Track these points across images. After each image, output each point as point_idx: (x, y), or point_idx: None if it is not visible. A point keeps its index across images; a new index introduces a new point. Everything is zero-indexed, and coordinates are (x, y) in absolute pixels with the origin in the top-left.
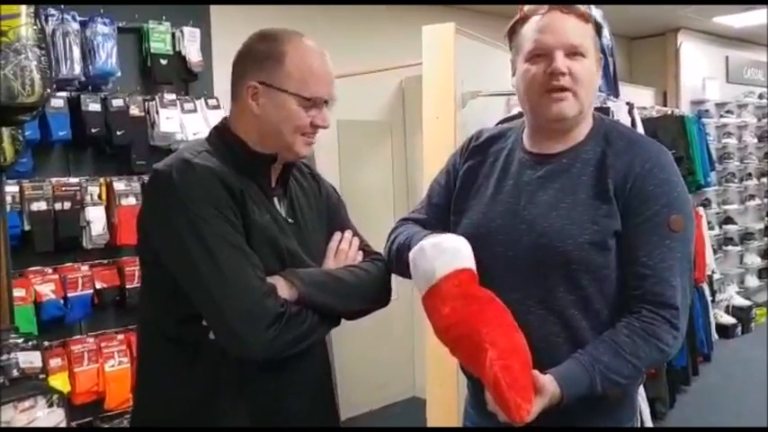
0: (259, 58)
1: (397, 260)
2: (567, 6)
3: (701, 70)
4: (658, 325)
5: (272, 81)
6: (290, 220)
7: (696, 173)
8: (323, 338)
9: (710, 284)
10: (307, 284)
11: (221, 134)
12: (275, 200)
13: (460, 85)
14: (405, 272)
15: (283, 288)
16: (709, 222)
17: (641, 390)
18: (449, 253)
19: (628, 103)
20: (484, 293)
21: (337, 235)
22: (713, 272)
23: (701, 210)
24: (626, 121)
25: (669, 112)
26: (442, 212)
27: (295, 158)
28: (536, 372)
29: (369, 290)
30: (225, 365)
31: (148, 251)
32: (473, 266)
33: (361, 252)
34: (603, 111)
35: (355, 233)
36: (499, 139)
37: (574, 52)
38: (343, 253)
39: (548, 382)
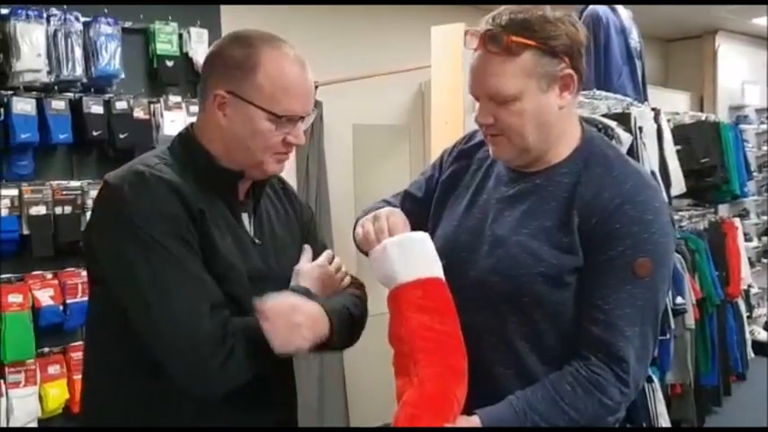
0: (229, 65)
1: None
2: (495, 41)
3: (740, 74)
4: (605, 377)
5: (242, 92)
6: (257, 241)
7: (731, 182)
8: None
9: (747, 299)
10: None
11: (185, 143)
12: (244, 216)
13: None
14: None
15: (321, 324)
16: (746, 234)
17: (663, 410)
18: (415, 257)
19: (653, 109)
20: (448, 317)
21: (325, 256)
22: (750, 286)
23: (736, 221)
24: (651, 128)
25: (703, 118)
26: (414, 202)
27: (263, 177)
28: (460, 420)
29: (362, 321)
30: (177, 397)
31: (97, 268)
32: (441, 274)
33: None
34: (624, 117)
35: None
36: (486, 146)
37: (498, 101)
38: (333, 279)
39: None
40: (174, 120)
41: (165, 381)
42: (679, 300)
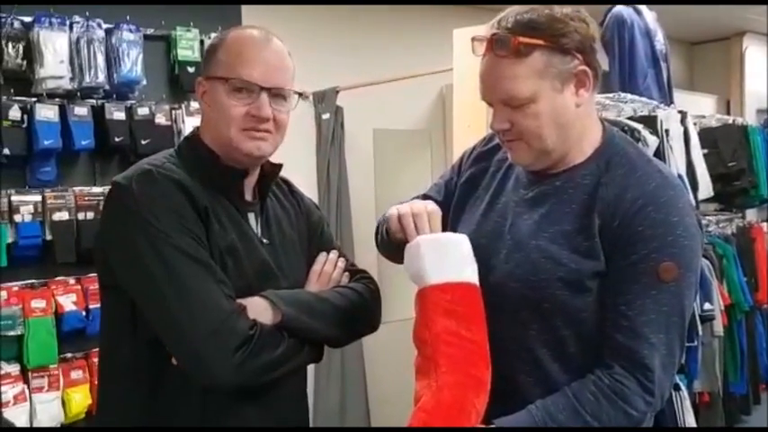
0: (206, 55)
1: (380, 238)
2: (502, 44)
3: None
4: (629, 386)
5: (208, 71)
6: (264, 240)
7: (760, 186)
8: (301, 368)
9: None
10: (288, 304)
11: (191, 144)
12: (251, 216)
13: None
14: (390, 255)
15: (261, 309)
16: None
17: (691, 419)
18: (448, 259)
19: (680, 112)
20: (476, 325)
21: (322, 256)
22: None
23: (765, 226)
24: (677, 131)
25: (730, 122)
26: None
27: (246, 159)
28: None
29: (358, 312)
30: (185, 397)
31: (107, 273)
32: (475, 279)
33: (346, 273)
34: (650, 120)
35: (340, 253)
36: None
37: (512, 105)
38: (326, 275)
39: None
40: (195, 125)
41: (173, 383)
42: (707, 306)
